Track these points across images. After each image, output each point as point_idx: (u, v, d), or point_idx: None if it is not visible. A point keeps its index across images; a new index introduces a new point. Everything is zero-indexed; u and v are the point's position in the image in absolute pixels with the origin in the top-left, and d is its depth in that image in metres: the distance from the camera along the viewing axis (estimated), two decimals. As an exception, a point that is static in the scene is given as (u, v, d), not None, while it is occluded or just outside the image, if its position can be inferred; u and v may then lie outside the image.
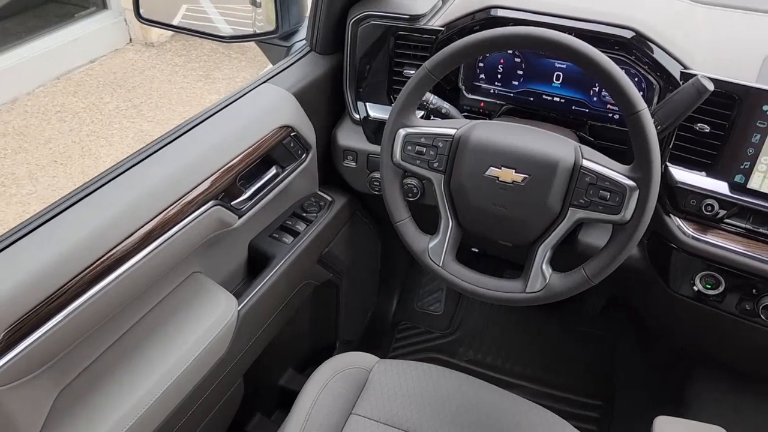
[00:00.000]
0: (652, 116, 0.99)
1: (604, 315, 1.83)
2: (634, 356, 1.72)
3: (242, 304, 1.10)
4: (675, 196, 1.07)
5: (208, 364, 1.03)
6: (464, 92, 1.27)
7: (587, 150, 0.95)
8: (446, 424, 1.08)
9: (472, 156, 0.97)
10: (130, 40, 4.32)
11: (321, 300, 1.49)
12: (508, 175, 0.95)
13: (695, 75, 0.96)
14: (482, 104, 1.26)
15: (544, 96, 1.22)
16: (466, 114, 1.27)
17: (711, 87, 0.95)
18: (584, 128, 1.19)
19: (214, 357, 1.04)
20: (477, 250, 1.61)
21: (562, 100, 1.21)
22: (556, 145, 0.95)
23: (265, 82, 1.19)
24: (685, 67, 1.05)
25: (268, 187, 1.14)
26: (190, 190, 0.96)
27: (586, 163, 0.93)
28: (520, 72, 1.22)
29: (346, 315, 1.61)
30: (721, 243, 1.05)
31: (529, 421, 1.08)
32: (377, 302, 1.86)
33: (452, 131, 1.00)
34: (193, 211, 0.96)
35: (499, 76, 1.24)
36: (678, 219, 1.09)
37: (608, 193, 0.91)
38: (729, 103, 1.00)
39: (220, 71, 4.02)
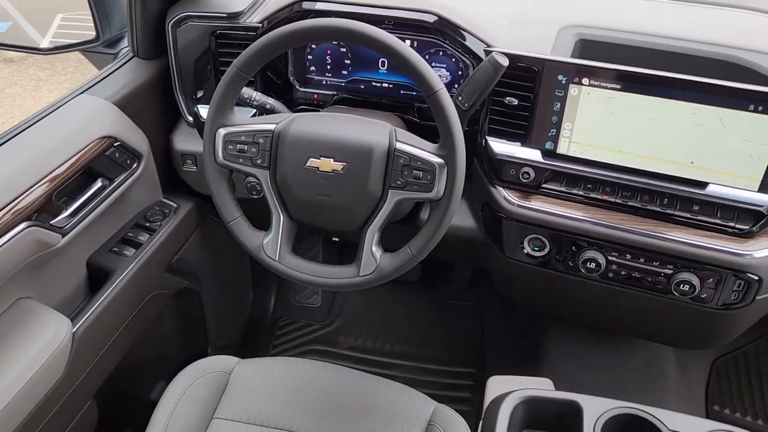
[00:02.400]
0: (459, 95, 1.04)
1: (471, 286, 1.90)
2: (499, 323, 1.80)
3: (78, 325, 1.06)
4: (496, 168, 1.13)
5: (43, 389, 0.99)
6: (297, 86, 1.28)
7: (401, 133, 0.98)
8: (308, 414, 1.09)
9: (291, 149, 0.98)
10: (-15, 57, 4.05)
11: (182, 308, 1.47)
12: (327, 164, 0.97)
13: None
14: (315, 96, 1.27)
15: (373, 83, 1.25)
16: (302, 107, 1.28)
17: (505, 62, 1.01)
18: (412, 111, 1.23)
19: (49, 381, 1.00)
20: (337, 239, 1.64)
21: (390, 86, 1.24)
22: (371, 131, 0.97)
23: (82, 92, 1.15)
24: (488, 46, 1.10)
25: (94, 201, 1.10)
26: None
27: (399, 145, 0.96)
28: (347, 61, 1.25)
29: (216, 320, 1.59)
30: (541, 207, 1.12)
31: (389, 399, 1.11)
32: (253, 302, 1.84)
33: (272, 126, 1.00)
34: (0, 236, 0.92)
35: (329, 67, 1.26)
36: (503, 189, 1.14)
37: (421, 173, 0.94)
38: (531, 75, 1.06)
39: (88, 82, 3.84)
